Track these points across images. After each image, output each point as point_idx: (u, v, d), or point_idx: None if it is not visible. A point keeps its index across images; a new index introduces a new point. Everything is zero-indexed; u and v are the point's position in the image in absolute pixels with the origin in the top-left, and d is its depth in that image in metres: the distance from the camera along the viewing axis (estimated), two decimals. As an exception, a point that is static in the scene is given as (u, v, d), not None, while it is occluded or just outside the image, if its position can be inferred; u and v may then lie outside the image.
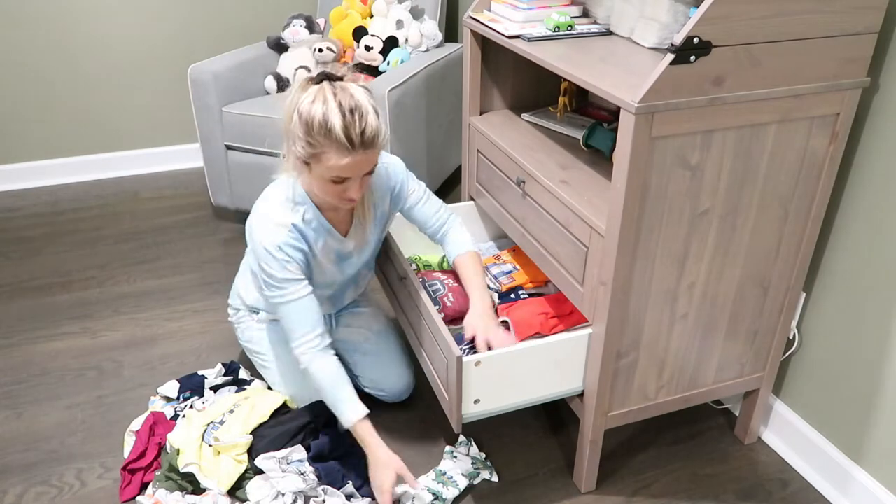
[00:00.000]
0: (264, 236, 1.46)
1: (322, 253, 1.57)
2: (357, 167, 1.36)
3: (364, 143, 1.33)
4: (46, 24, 2.86)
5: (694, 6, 1.39)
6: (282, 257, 1.46)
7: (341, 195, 1.42)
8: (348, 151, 1.33)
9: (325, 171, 1.36)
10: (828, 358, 1.56)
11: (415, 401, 1.85)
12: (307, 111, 1.32)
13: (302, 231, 1.50)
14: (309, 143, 1.34)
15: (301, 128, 1.33)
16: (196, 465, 1.51)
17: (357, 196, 1.41)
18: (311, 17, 2.82)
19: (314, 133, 1.32)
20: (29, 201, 2.96)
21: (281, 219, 1.47)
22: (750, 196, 1.33)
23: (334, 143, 1.31)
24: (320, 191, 1.43)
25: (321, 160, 1.35)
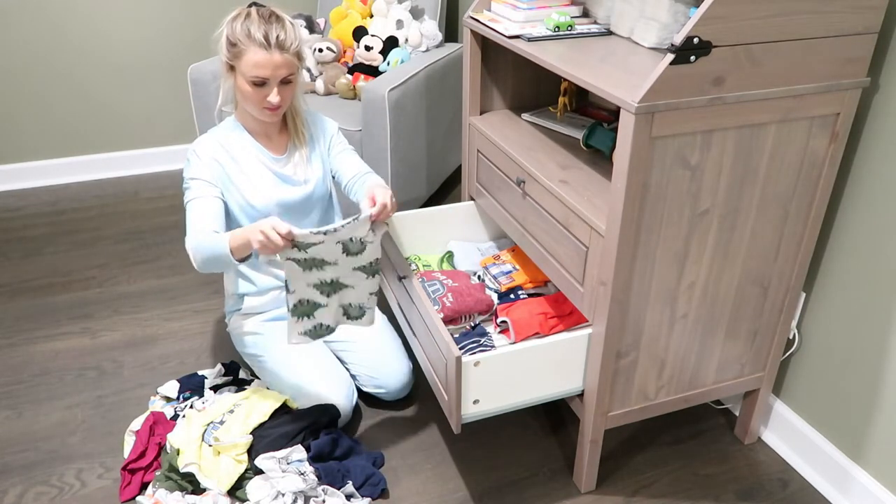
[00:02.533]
0: (193, 144, 1.64)
1: (253, 169, 1.67)
2: (273, 67, 1.52)
3: (279, 44, 1.51)
4: (46, 24, 2.86)
5: (694, 6, 1.39)
6: (194, 159, 1.62)
7: (262, 101, 1.56)
8: (265, 49, 1.51)
9: (246, 70, 1.52)
10: (828, 358, 1.56)
11: (414, 401, 1.85)
12: (234, 24, 1.53)
13: (225, 146, 1.65)
14: (232, 43, 1.53)
15: (226, 34, 1.54)
16: (196, 465, 1.51)
17: (276, 101, 1.55)
18: (311, 17, 2.82)
19: (236, 33, 1.52)
20: (29, 201, 2.96)
21: (212, 133, 1.67)
22: (750, 196, 1.33)
23: (253, 41, 1.50)
24: (245, 100, 1.59)
25: (241, 58, 1.52)
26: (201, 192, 1.59)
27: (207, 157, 1.62)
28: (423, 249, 1.99)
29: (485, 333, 1.67)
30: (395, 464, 1.66)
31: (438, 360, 1.46)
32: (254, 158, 1.67)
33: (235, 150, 1.66)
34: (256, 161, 1.68)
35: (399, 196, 2.41)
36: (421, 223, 1.96)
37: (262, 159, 1.68)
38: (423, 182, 2.58)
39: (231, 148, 1.66)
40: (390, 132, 2.26)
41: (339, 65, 2.70)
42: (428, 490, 1.60)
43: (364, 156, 2.34)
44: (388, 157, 2.30)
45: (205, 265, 1.53)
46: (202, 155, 1.62)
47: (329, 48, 2.66)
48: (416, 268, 1.91)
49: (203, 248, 1.50)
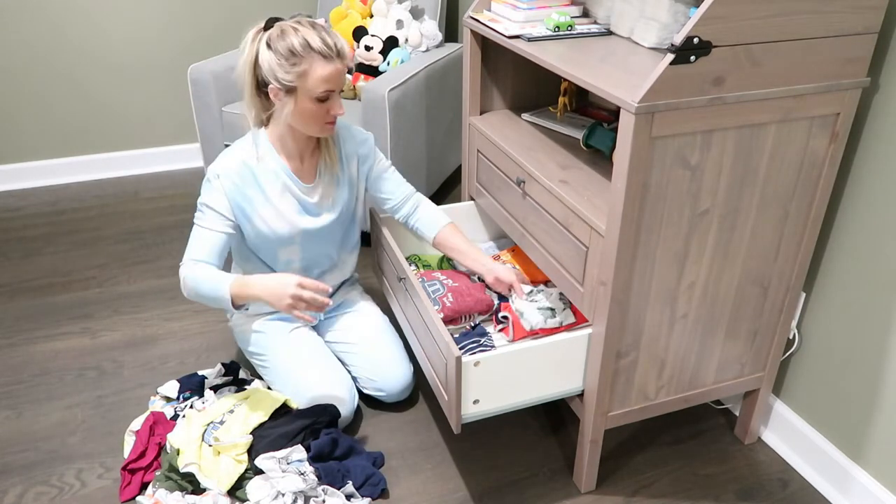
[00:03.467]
0: (212, 166, 1.56)
1: (279, 197, 1.62)
2: (339, 76, 1.48)
3: (339, 51, 1.47)
4: (46, 24, 2.86)
5: (694, 6, 1.39)
6: (215, 185, 1.55)
7: (326, 116, 1.51)
8: (331, 60, 1.46)
9: (314, 87, 1.46)
10: (828, 358, 1.56)
11: (414, 401, 1.85)
12: (282, 43, 1.44)
13: (253, 170, 1.58)
14: (294, 64, 1.44)
15: (283, 56, 1.44)
16: (196, 465, 1.51)
17: (341, 111, 1.51)
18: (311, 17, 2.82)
19: (298, 53, 1.43)
20: (29, 201, 2.96)
21: (234, 153, 1.58)
22: (750, 196, 1.33)
23: (317, 54, 1.44)
24: (306, 122, 1.52)
25: (308, 77, 1.45)
26: (211, 224, 1.55)
27: (229, 182, 1.55)
28: (423, 249, 1.99)
29: (485, 333, 1.67)
30: (395, 464, 1.66)
31: (438, 360, 1.46)
32: (281, 185, 1.61)
33: (263, 177, 1.59)
34: (284, 188, 1.61)
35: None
36: (421, 223, 1.96)
37: (291, 188, 1.62)
38: (423, 182, 2.58)
39: (259, 173, 1.58)
40: (390, 132, 2.26)
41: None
42: (428, 490, 1.60)
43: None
44: (388, 158, 2.30)
45: (196, 298, 1.54)
46: (224, 180, 1.55)
47: (329, 48, 2.66)
48: (416, 268, 1.91)
49: (200, 284, 1.50)
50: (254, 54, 1.48)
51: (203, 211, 1.56)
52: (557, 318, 1.62)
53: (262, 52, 1.47)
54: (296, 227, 1.66)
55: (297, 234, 1.66)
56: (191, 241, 1.56)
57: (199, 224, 1.57)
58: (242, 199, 1.58)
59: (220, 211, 1.56)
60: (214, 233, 1.56)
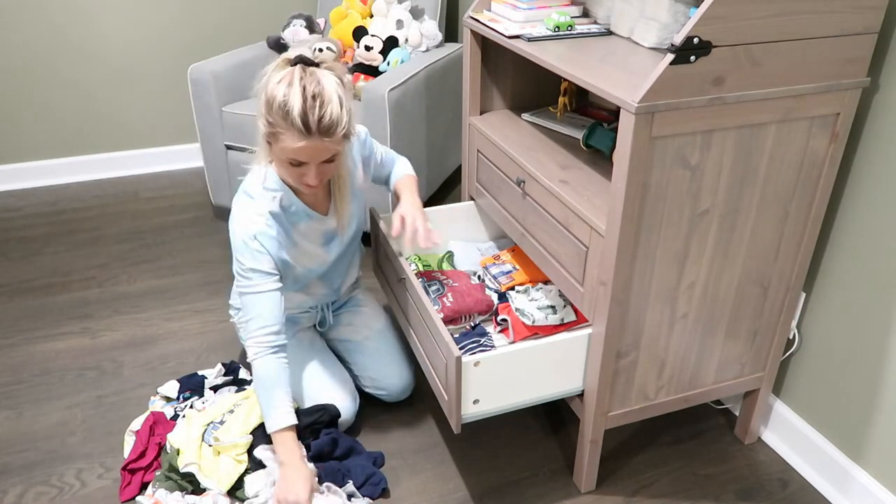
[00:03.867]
0: (239, 226, 1.48)
1: (304, 237, 1.58)
2: (313, 153, 1.37)
3: (321, 130, 1.33)
4: (46, 24, 2.86)
5: (694, 6, 1.39)
6: (255, 247, 1.47)
7: (299, 179, 1.43)
8: (303, 136, 1.34)
9: (281, 153, 1.38)
10: (828, 358, 1.56)
11: (414, 401, 1.85)
12: (272, 91, 1.34)
13: (278, 218, 1.51)
14: (268, 121, 1.36)
15: (264, 105, 1.35)
16: (196, 465, 1.51)
17: (314, 183, 1.42)
18: (311, 17, 2.82)
19: (273, 112, 1.33)
20: (29, 201, 2.96)
21: (257, 208, 1.49)
22: (750, 196, 1.33)
23: (290, 126, 1.33)
24: (281, 172, 1.46)
25: (278, 140, 1.36)
26: (262, 286, 1.48)
27: (267, 240, 1.48)
28: (423, 249, 1.99)
29: (485, 333, 1.67)
30: (395, 464, 1.66)
31: (438, 360, 1.46)
32: (303, 224, 1.57)
33: (287, 225, 1.53)
34: (307, 227, 1.58)
35: (399, 196, 2.41)
36: (421, 223, 1.96)
37: (312, 224, 1.58)
38: (423, 182, 2.58)
39: (282, 218, 1.52)
40: (390, 132, 2.26)
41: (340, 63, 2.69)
42: (428, 490, 1.60)
43: (364, 156, 2.34)
44: (388, 157, 2.30)
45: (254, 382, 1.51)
46: (263, 240, 1.47)
47: (329, 48, 2.66)
48: (416, 268, 1.91)
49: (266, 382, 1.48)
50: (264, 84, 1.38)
51: (250, 277, 1.48)
52: (558, 315, 1.62)
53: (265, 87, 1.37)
54: (325, 261, 1.67)
55: (319, 264, 1.67)
56: (250, 312, 1.49)
57: (249, 292, 1.48)
58: (281, 251, 1.52)
59: (268, 270, 1.48)
60: (270, 293, 1.49)
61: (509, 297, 1.73)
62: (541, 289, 1.73)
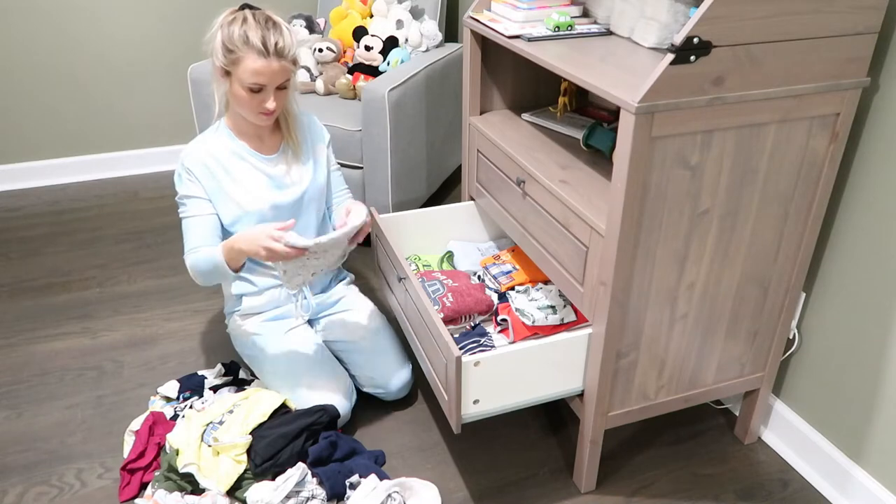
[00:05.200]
0: (180, 157, 1.64)
1: (245, 175, 1.67)
2: (272, 75, 1.52)
3: (278, 51, 1.51)
4: (46, 23, 2.86)
5: (694, 6, 1.39)
6: (186, 176, 1.62)
7: (258, 107, 1.56)
8: (263, 56, 1.50)
9: (243, 77, 1.52)
10: (828, 358, 1.56)
11: (414, 401, 1.85)
12: (229, 29, 1.52)
13: (215, 155, 1.64)
14: (229, 49, 1.51)
15: (225, 38, 1.51)
16: (195, 466, 1.51)
17: (272, 107, 1.56)
18: (311, 17, 2.82)
19: (235, 41, 1.50)
20: (29, 201, 2.96)
21: (198, 143, 1.65)
22: (750, 196, 1.33)
23: (251, 48, 1.49)
24: (240, 105, 1.58)
25: (239, 65, 1.51)
26: (196, 210, 1.63)
27: (198, 170, 1.63)
28: (423, 249, 1.99)
29: (485, 333, 1.67)
30: (396, 464, 1.66)
31: (438, 360, 1.46)
32: (245, 163, 1.67)
33: (225, 158, 1.65)
34: (248, 165, 1.67)
35: (399, 196, 2.41)
36: (421, 223, 1.96)
37: (254, 162, 1.68)
38: (423, 182, 2.58)
39: (221, 156, 1.65)
40: (390, 132, 2.27)
41: (339, 65, 2.70)
42: (428, 490, 1.60)
43: (364, 156, 2.34)
44: (388, 157, 2.30)
45: (205, 280, 1.61)
46: (193, 169, 1.62)
47: (329, 48, 2.66)
48: (416, 268, 1.91)
49: (199, 264, 1.59)
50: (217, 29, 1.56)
51: (185, 203, 1.63)
52: (558, 315, 1.62)
53: (218, 32, 1.54)
54: (265, 202, 1.68)
55: (267, 209, 1.68)
56: (185, 236, 1.63)
57: (185, 216, 1.63)
58: (213, 183, 1.64)
59: (200, 195, 1.63)
60: (202, 217, 1.63)
61: (509, 297, 1.72)
62: (541, 289, 1.73)
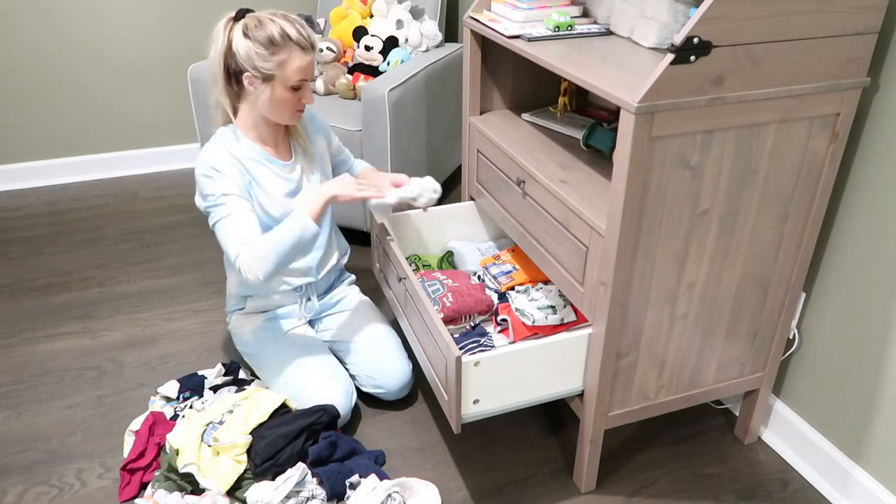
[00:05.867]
0: (200, 162, 1.57)
1: (268, 181, 1.65)
2: (311, 67, 1.56)
3: (312, 43, 1.54)
4: (46, 23, 2.86)
5: (694, 6, 1.39)
6: (217, 175, 1.55)
7: (297, 104, 1.58)
8: (307, 51, 1.53)
9: (291, 76, 1.52)
10: (828, 358, 1.56)
11: (414, 401, 1.85)
12: (261, 32, 1.49)
13: (239, 159, 1.60)
14: (273, 53, 1.49)
15: (262, 46, 1.49)
16: (195, 466, 1.51)
17: (311, 99, 1.59)
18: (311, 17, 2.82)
19: (278, 43, 1.49)
20: (29, 201, 2.96)
21: (218, 147, 1.58)
22: (750, 196, 1.33)
23: (295, 46, 1.50)
24: (277, 110, 1.58)
25: (286, 66, 1.51)
26: (236, 206, 1.54)
27: (228, 169, 1.56)
28: (423, 249, 1.99)
29: (485, 333, 1.67)
30: (396, 464, 1.66)
31: (438, 360, 1.46)
32: (265, 169, 1.65)
33: (250, 164, 1.62)
34: (270, 172, 1.65)
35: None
36: (421, 223, 1.96)
37: (273, 169, 1.66)
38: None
39: (245, 161, 1.61)
40: (390, 132, 2.26)
41: (339, 65, 2.70)
42: (428, 490, 1.60)
43: (364, 156, 2.34)
44: (388, 157, 2.30)
45: (275, 263, 1.51)
46: (224, 169, 1.55)
47: (329, 48, 2.66)
48: (416, 268, 1.91)
49: (278, 246, 1.50)
50: (227, 43, 1.51)
51: (223, 202, 1.54)
52: (558, 315, 1.62)
53: (238, 41, 1.50)
54: (286, 207, 1.67)
55: (287, 214, 1.67)
56: (228, 235, 1.52)
57: (224, 217, 1.53)
58: (243, 184, 1.59)
59: (236, 192, 1.55)
60: (246, 213, 1.55)
61: (509, 297, 1.72)
62: (541, 289, 1.73)
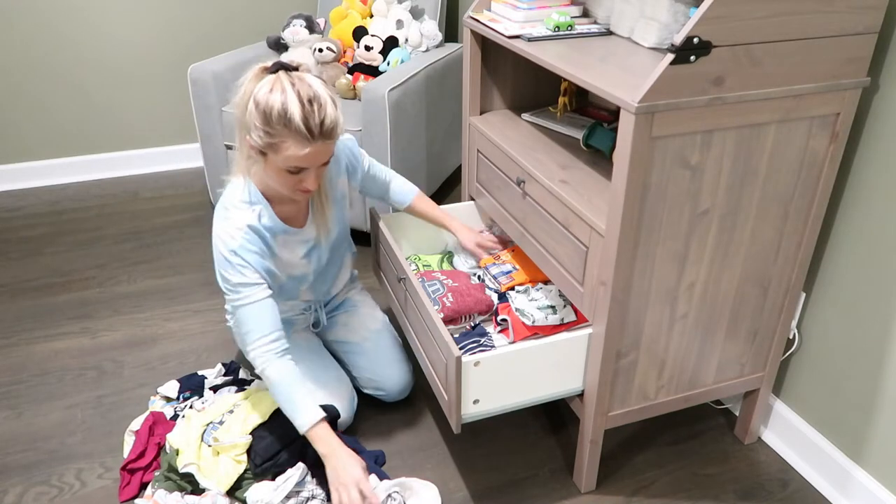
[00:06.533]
0: (220, 243, 1.44)
1: (285, 250, 1.57)
2: (315, 157, 1.36)
3: (323, 133, 1.33)
4: (46, 24, 2.86)
5: (694, 6, 1.39)
6: (237, 262, 1.43)
7: (297, 186, 1.41)
8: (308, 142, 1.32)
9: (282, 162, 1.35)
10: (828, 358, 1.56)
11: (414, 401, 1.85)
12: (265, 100, 1.31)
13: (258, 231, 1.48)
14: (267, 132, 1.33)
15: (259, 117, 1.32)
16: (195, 466, 1.51)
17: (313, 187, 1.41)
18: (311, 17, 2.82)
19: (273, 123, 1.31)
20: (29, 201, 2.96)
21: (236, 223, 1.45)
22: (750, 196, 1.33)
23: (294, 133, 1.31)
24: (276, 182, 1.43)
25: (279, 150, 1.34)
26: (253, 296, 1.44)
27: (248, 254, 1.44)
28: (423, 249, 1.99)
29: (485, 333, 1.67)
30: (395, 464, 1.66)
31: (438, 360, 1.46)
32: (282, 238, 1.55)
33: (267, 237, 1.51)
34: (285, 241, 1.56)
35: (399, 196, 2.42)
36: (421, 223, 1.96)
37: (289, 238, 1.57)
38: (423, 182, 2.58)
39: (263, 235, 1.49)
40: (390, 132, 2.26)
41: (339, 65, 2.70)
42: (428, 490, 1.60)
43: (364, 156, 2.34)
44: (388, 157, 2.30)
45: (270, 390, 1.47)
46: (244, 254, 1.44)
47: (329, 48, 2.66)
48: (416, 268, 1.91)
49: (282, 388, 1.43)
50: (248, 95, 1.36)
51: (239, 291, 1.44)
52: (558, 315, 1.62)
53: (251, 99, 1.35)
54: (309, 269, 1.66)
55: (309, 272, 1.68)
56: (247, 324, 1.45)
57: (241, 304, 1.45)
58: (263, 260, 1.49)
59: (255, 281, 1.45)
60: (262, 302, 1.45)
61: (509, 297, 1.72)
62: (541, 289, 1.73)
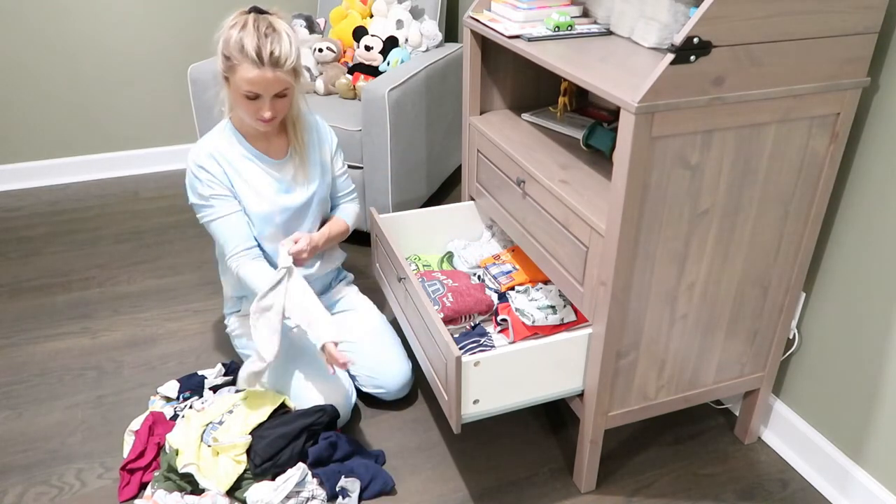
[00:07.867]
0: (191, 161, 1.63)
1: (255, 177, 1.67)
2: (266, 84, 1.51)
3: (272, 61, 1.49)
4: (46, 24, 2.86)
5: (694, 6, 1.39)
6: (205, 177, 1.61)
7: (256, 115, 1.56)
8: (257, 66, 1.49)
9: (239, 85, 1.52)
10: (828, 358, 1.56)
11: (414, 401, 1.85)
12: (228, 32, 1.51)
13: (225, 155, 1.64)
14: (226, 56, 1.51)
15: (222, 45, 1.52)
16: (195, 466, 1.51)
17: (268, 116, 1.56)
18: (311, 17, 2.82)
19: (230, 47, 1.50)
20: (29, 201, 2.96)
21: (207, 146, 1.64)
22: (750, 196, 1.33)
23: (245, 57, 1.49)
24: (239, 109, 1.60)
25: (236, 72, 1.51)
26: (225, 209, 1.63)
27: (214, 168, 1.62)
28: (423, 249, 1.99)
29: (485, 333, 1.67)
30: (396, 464, 1.66)
31: (438, 360, 1.46)
32: (253, 165, 1.67)
33: (235, 159, 1.65)
34: (256, 168, 1.67)
35: (399, 196, 2.42)
36: (421, 223, 1.96)
37: (262, 165, 1.67)
38: (423, 182, 2.58)
39: (230, 157, 1.64)
40: (390, 132, 2.26)
41: (339, 65, 2.70)
42: (428, 490, 1.60)
43: (364, 156, 2.34)
44: (388, 157, 2.30)
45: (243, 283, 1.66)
46: (209, 168, 1.62)
47: (329, 48, 2.66)
48: (416, 268, 1.91)
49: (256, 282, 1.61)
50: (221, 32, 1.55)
51: (210, 204, 1.62)
52: (558, 315, 1.62)
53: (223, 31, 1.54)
54: (275, 204, 1.68)
55: (276, 211, 1.69)
56: (221, 237, 1.64)
57: (213, 218, 1.63)
58: (228, 182, 1.64)
59: (224, 193, 1.63)
60: (235, 215, 1.64)
61: (509, 297, 1.72)
62: (541, 289, 1.73)
